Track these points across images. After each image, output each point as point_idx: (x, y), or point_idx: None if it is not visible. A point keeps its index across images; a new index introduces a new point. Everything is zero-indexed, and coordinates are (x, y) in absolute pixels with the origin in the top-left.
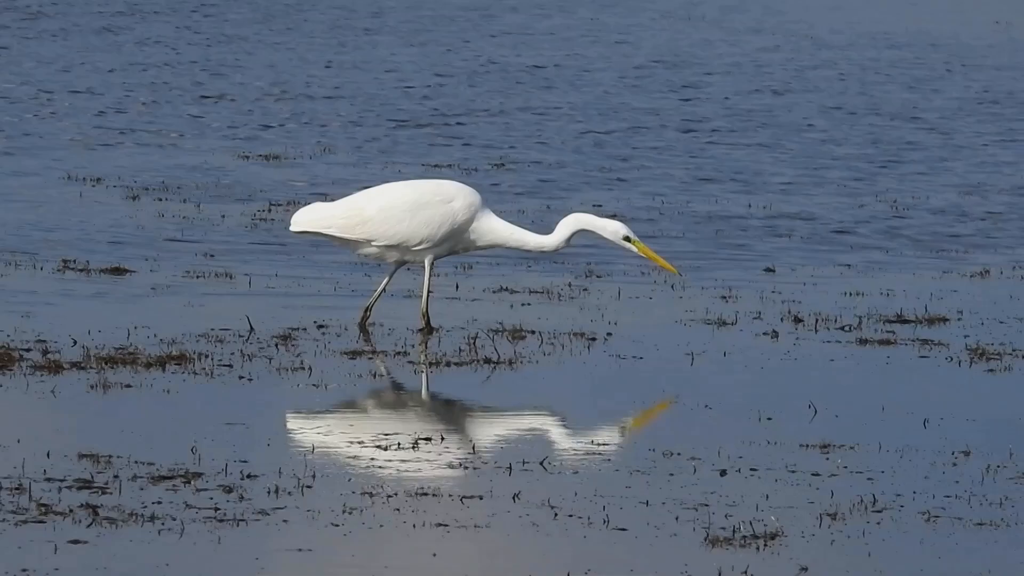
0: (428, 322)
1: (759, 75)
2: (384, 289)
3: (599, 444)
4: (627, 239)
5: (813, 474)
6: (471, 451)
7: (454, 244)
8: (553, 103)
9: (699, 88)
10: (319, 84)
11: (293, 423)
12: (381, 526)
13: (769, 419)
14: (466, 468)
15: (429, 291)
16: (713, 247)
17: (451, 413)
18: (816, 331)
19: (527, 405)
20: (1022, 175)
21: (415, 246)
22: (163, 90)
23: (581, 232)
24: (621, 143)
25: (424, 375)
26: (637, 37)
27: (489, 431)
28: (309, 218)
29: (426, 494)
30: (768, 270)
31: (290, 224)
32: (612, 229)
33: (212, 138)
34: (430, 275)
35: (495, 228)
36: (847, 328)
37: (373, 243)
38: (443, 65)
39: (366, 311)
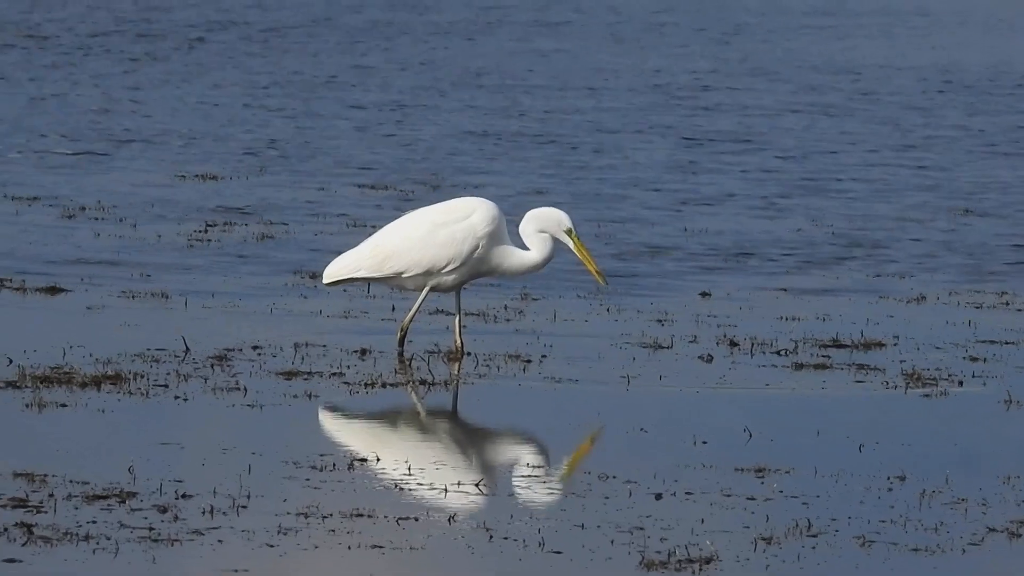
0: (402, 338)
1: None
2: (459, 311)
3: (534, 466)
4: (568, 232)
5: (748, 498)
6: (407, 472)
7: (480, 264)
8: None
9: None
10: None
11: (228, 443)
12: (316, 547)
13: (704, 443)
14: (402, 490)
15: (417, 310)
16: (650, 269)
17: (386, 434)
18: (752, 355)
19: (462, 427)
20: (956, 201)
21: (443, 269)
22: (108, 105)
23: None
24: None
25: (360, 396)
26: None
27: (425, 453)
28: (338, 268)
29: (362, 515)
30: (704, 294)
31: (322, 278)
32: (556, 218)
33: (150, 159)
34: (424, 299)
35: (507, 254)
36: (783, 352)
37: (404, 275)
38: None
39: (458, 345)
